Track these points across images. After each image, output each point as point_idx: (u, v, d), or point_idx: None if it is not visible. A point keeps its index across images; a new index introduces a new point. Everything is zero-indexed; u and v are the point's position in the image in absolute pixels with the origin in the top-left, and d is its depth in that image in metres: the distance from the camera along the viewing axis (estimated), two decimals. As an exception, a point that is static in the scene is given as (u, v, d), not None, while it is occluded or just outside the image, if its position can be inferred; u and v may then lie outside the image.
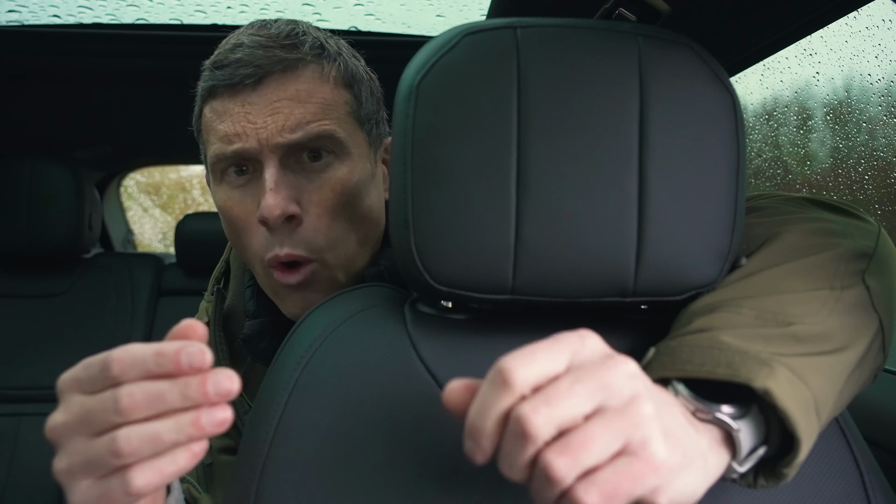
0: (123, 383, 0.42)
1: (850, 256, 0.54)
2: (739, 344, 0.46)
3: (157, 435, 0.41)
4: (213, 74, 0.73)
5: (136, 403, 0.41)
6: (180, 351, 0.41)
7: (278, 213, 0.70)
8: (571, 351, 0.41)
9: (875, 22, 0.98)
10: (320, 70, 0.74)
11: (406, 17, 1.53)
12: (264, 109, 0.70)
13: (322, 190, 0.73)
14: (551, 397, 0.39)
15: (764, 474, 0.47)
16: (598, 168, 0.51)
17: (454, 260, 0.52)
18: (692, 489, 0.42)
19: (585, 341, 0.42)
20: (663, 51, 0.52)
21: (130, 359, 0.42)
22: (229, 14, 1.51)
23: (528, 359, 0.40)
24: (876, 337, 0.53)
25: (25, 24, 1.49)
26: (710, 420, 0.45)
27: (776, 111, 1.41)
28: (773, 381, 0.44)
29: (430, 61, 0.52)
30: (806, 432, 0.45)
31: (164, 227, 3.73)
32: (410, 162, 0.51)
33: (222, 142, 0.72)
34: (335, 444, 0.54)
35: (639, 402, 0.39)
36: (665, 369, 0.47)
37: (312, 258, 0.73)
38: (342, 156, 0.74)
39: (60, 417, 0.43)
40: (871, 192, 1.16)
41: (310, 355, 0.57)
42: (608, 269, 0.52)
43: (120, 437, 0.41)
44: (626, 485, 0.38)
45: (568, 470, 0.38)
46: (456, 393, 0.43)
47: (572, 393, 0.39)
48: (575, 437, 0.38)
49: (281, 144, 0.71)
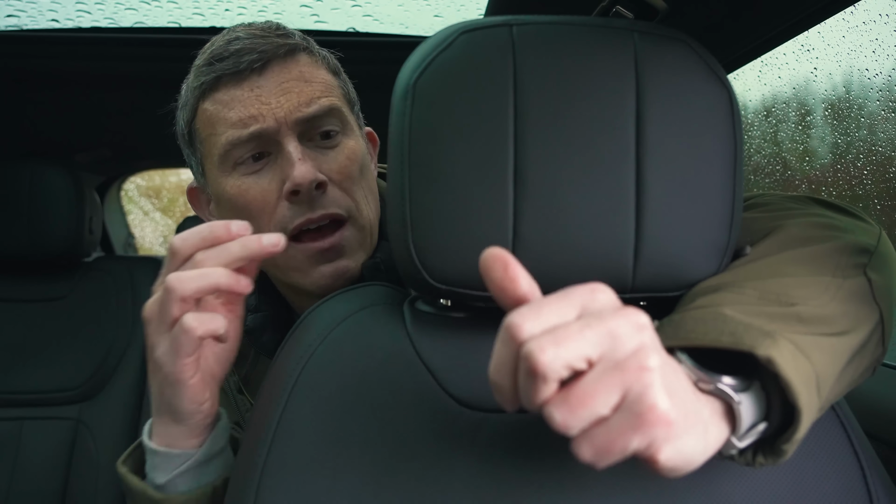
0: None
1: (853, 250, 0.55)
2: (743, 318, 0.47)
3: (227, 247, 0.58)
4: (213, 67, 0.74)
5: (208, 256, 0.58)
6: (228, 223, 0.59)
7: (311, 177, 0.73)
8: (581, 303, 0.40)
9: (872, 17, 0.98)
10: (313, 57, 0.79)
11: (404, 18, 1.53)
12: (274, 90, 0.74)
13: (339, 159, 0.78)
14: (559, 337, 0.38)
15: (763, 452, 0.47)
16: (595, 165, 0.51)
17: (452, 258, 0.52)
18: (691, 453, 0.41)
19: (596, 294, 0.41)
20: (659, 47, 0.52)
21: (189, 236, 0.59)
22: (227, 17, 1.51)
23: (536, 312, 0.39)
24: (876, 328, 0.53)
25: (24, 29, 1.49)
26: (711, 391, 0.45)
27: (775, 107, 1.41)
28: (777, 350, 0.44)
29: (427, 60, 0.52)
30: (807, 405, 0.45)
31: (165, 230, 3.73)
32: (408, 160, 0.51)
33: (236, 127, 0.74)
34: (335, 443, 0.54)
35: (644, 353, 0.39)
36: (669, 339, 0.47)
37: (345, 216, 0.78)
38: (347, 131, 0.80)
39: (151, 300, 0.60)
40: (871, 188, 1.16)
41: (309, 355, 0.57)
42: (606, 265, 0.52)
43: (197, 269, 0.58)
44: (621, 438, 0.38)
45: (568, 423, 0.38)
46: (496, 260, 0.41)
47: (581, 336, 0.38)
48: (574, 393, 0.38)
49: (300, 119, 0.75)
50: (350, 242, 0.78)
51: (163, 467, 0.63)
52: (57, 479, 1.57)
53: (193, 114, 0.78)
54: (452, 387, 0.56)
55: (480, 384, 0.55)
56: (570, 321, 0.40)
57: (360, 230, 0.79)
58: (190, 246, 0.59)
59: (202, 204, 0.86)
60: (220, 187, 0.78)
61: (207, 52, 0.77)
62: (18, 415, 1.60)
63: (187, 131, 0.80)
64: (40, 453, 1.58)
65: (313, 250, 0.76)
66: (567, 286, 0.52)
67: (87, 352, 1.64)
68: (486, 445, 0.54)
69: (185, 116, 0.79)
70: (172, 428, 0.63)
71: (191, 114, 0.78)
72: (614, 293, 0.42)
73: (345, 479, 0.53)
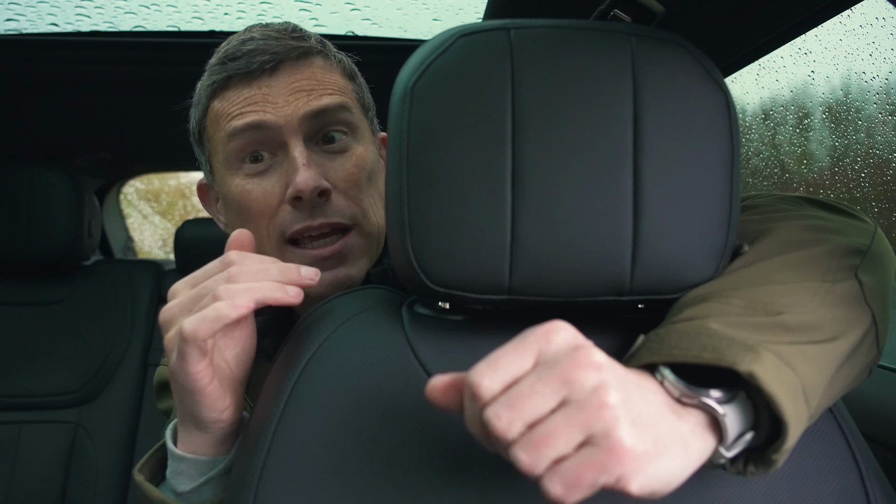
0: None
1: (844, 252, 0.54)
2: (726, 331, 0.47)
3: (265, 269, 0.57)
4: (225, 66, 0.74)
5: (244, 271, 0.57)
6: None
7: (314, 184, 0.72)
8: (537, 349, 0.43)
9: (869, 20, 0.98)
10: (329, 62, 0.78)
11: (402, 22, 1.54)
12: (283, 90, 0.74)
13: (346, 166, 0.77)
14: (513, 399, 0.41)
15: (754, 461, 0.47)
16: (593, 168, 0.51)
17: (451, 261, 0.52)
18: (668, 475, 0.43)
19: (551, 336, 0.43)
20: (656, 50, 0.52)
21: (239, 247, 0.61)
22: (226, 20, 1.52)
23: (493, 367, 0.42)
24: (869, 331, 0.53)
25: (24, 33, 1.49)
26: (695, 405, 0.46)
27: (772, 111, 1.41)
28: (759, 364, 0.44)
29: (425, 63, 0.52)
30: (793, 417, 0.45)
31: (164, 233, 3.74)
32: (406, 163, 0.52)
33: (237, 119, 0.74)
34: (334, 446, 0.54)
35: (603, 392, 0.41)
36: (653, 355, 0.47)
37: (350, 224, 0.77)
38: (357, 136, 0.79)
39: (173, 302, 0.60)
40: (868, 190, 1.16)
41: (308, 358, 0.57)
42: (604, 268, 0.52)
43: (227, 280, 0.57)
44: (589, 474, 0.40)
45: (533, 463, 0.40)
46: (438, 390, 0.46)
47: (533, 393, 0.41)
48: (536, 433, 0.41)
49: (307, 114, 0.74)
50: (353, 250, 0.77)
51: (189, 474, 0.62)
52: (56, 483, 1.57)
53: (204, 112, 0.78)
54: (451, 389, 0.56)
55: (479, 387, 0.56)
56: (527, 371, 0.42)
57: (365, 238, 0.78)
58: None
59: (210, 201, 0.86)
60: (225, 186, 0.78)
61: (222, 51, 0.77)
62: (17, 418, 1.60)
63: (197, 130, 0.80)
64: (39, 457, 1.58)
65: (312, 257, 0.75)
66: (564, 287, 0.53)
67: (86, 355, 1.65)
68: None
69: (197, 115, 0.79)
70: (197, 436, 0.62)
71: (202, 112, 0.78)
72: (572, 328, 0.44)
73: (344, 482, 0.53)
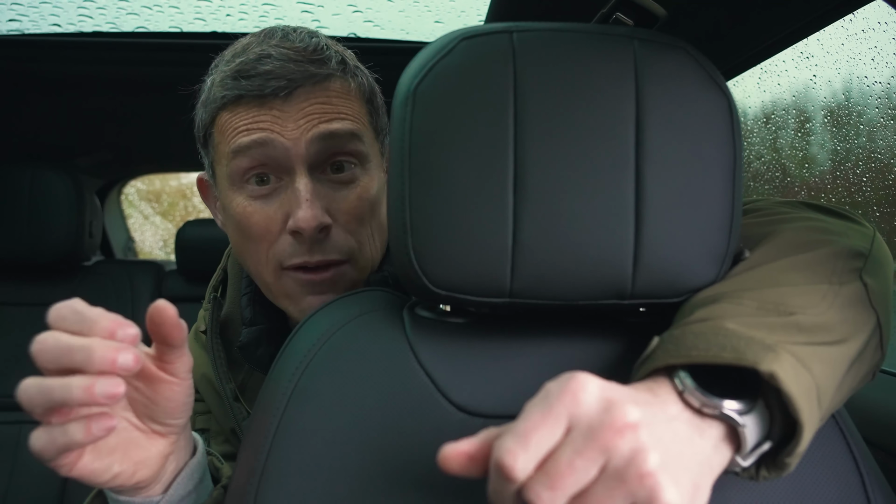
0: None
1: (847, 254, 0.55)
2: (744, 331, 0.46)
3: (49, 389, 0.45)
4: (238, 84, 0.72)
5: (45, 348, 0.46)
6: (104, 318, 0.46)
7: (315, 223, 0.72)
8: (567, 414, 0.40)
9: (871, 24, 0.98)
10: (346, 85, 0.76)
11: (405, 24, 1.54)
12: (295, 115, 0.73)
13: (349, 199, 0.76)
14: (552, 479, 0.39)
15: (766, 466, 0.47)
16: (595, 171, 0.51)
17: (452, 264, 0.52)
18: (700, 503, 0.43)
19: (579, 397, 0.40)
20: (659, 54, 0.52)
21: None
22: (228, 21, 1.52)
23: (523, 445, 0.39)
24: (874, 333, 0.53)
25: (26, 33, 1.50)
26: (716, 416, 0.45)
27: (774, 114, 1.41)
28: (779, 365, 0.44)
29: (427, 66, 0.52)
30: (808, 419, 0.45)
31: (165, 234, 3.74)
32: (408, 166, 0.52)
33: (243, 135, 0.73)
34: (334, 449, 0.54)
35: (642, 459, 0.39)
36: (670, 357, 0.46)
37: (344, 259, 0.77)
38: (365, 164, 0.78)
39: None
40: (870, 195, 1.16)
41: (308, 360, 0.57)
42: (606, 271, 0.52)
43: (23, 384, 0.46)
44: None
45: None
46: (453, 461, 0.43)
47: (573, 470, 0.39)
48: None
49: (314, 137, 0.72)
50: (345, 279, 0.78)
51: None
52: (55, 483, 1.57)
53: (212, 120, 0.77)
54: (452, 392, 0.56)
55: (480, 390, 0.56)
56: (559, 441, 0.40)
57: (359, 270, 0.78)
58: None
59: (210, 198, 0.86)
60: (228, 200, 0.78)
61: (236, 61, 0.73)
62: (18, 418, 1.60)
63: (203, 134, 0.79)
64: (39, 457, 1.58)
65: (304, 280, 0.76)
66: (566, 291, 0.53)
67: (86, 355, 1.64)
68: (485, 451, 0.54)
69: (204, 119, 0.78)
70: (120, 494, 0.56)
71: (209, 118, 0.77)
72: (596, 380, 0.42)
73: (344, 485, 0.53)
